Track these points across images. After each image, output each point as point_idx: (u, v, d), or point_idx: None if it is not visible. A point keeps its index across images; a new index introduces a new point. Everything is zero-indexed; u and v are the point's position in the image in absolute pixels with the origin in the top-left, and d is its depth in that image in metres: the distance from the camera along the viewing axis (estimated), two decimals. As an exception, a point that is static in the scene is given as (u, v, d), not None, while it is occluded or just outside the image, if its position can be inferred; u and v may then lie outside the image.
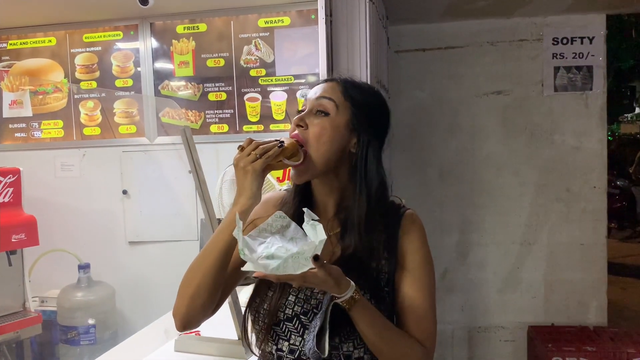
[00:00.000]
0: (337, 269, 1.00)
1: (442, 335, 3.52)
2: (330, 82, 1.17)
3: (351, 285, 1.01)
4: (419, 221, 1.19)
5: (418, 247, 1.15)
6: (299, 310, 1.11)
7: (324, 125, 1.12)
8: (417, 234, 1.16)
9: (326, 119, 1.13)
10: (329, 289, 0.99)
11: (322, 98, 1.14)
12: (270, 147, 1.08)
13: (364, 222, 1.12)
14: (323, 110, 1.13)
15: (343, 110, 1.14)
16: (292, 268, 0.94)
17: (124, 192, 3.21)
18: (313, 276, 0.95)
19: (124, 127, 3.25)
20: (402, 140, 3.46)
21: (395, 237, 1.14)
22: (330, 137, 1.12)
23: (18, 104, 3.35)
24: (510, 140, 3.40)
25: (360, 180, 1.14)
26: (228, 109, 3.10)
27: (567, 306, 3.39)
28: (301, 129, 1.14)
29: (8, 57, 3.36)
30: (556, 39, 3.33)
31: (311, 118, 1.14)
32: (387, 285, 1.12)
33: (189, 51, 3.11)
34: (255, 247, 1.02)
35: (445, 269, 3.50)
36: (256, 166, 1.06)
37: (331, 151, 1.13)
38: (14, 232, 2.64)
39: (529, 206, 3.40)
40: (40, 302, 3.14)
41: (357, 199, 1.13)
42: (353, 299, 1.00)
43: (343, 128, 1.13)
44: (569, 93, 3.33)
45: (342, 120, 1.13)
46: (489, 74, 3.40)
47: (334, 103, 1.13)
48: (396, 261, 1.13)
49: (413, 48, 3.47)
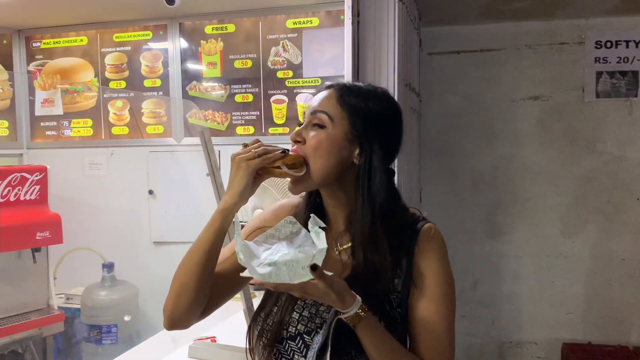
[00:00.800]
0: (340, 282, 0.94)
1: (471, 349, 3.40)
2: (327, 91, 1.10)
3: (357, 301, 0.94)
4: (438, 236, 1.09)
5: (435, 265, 1.06)
6: (303, 329, 1.05)
7: (320, 139, 1.06)
8: (435, 251, 1.07)
9: (322, 132, 1.06)
10: (332, 303, 0.93)
11: (316, 112, 1.07)
12: (272, 150, 1.04)
13: (367, 238, 1.04)
14: (319, 124, 1.07)
15: (340, 121, 1.06)
16: (288, 277, 0.89)
17: (150, 192, 3.21)
18: (313, 287, 0.89)
19: (151, 127, 3.25)
20: (433, 145, 3.36)
21: (410, 255, 1.06)
22: (327, 150, 1.05)
23: (50, 103, 3.40)
24: (548, 147, 3.25)
25: (363, 194, 1.06)
26: (254, 110, 3.06)
27: (606, 324, 3.22)
28: (299, 144, 1.08)
29: (42, 56, 3.41)
30: (599, 42, 3.17)
31: (308, 132, 1.08)
32: (400, 306, 1.04)
33: (217, 52, 3.09)
34: (259, 252, 0.97)
35: (476, 281, 3.37)
36: (250, 164, 1.01)
37: (329, 164, 1.06)
38: (39, 229, 2.66)
39: (566, 217, 3.24)
40: (66, 300, 3.17)
41: (360, 213, 1.06)
42: (358, 315, 0.94)
43: (341, 140, 1.06)
44: (611, 99, 3.17)
45: (339, 132, 1.06)
46: (526, 79, 3.26)
47: (327, 116, 1.06)
48: (411, 281, 1.05)
49: (447, 50, 3.36)
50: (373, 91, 1.11)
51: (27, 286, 2.78)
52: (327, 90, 1.10)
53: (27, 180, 2.69)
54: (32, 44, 3.42)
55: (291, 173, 1.05)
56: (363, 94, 1.09)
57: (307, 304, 1.06)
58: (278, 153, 1.03)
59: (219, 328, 2.13)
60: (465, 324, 3.35)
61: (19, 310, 2.74)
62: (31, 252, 2.72)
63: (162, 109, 3.23)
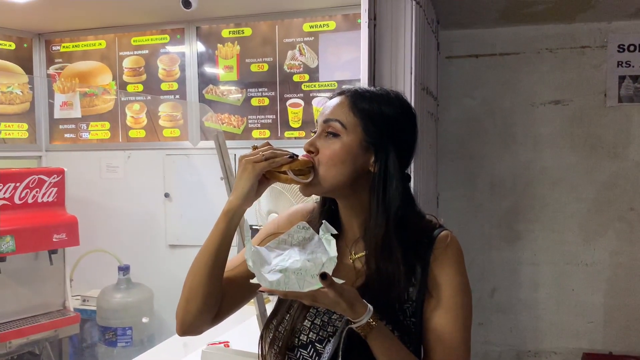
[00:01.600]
0: (351, 290, 0.91)
1: (489, 357, 3.34)
2: (338, 98, 1.07)
3: (368, 310, 0.92)
4: (455, 244, 1.06)
5: (451, 274, 1.03)
6: (314, 338, 1.03)
7: (334, 148, 1.03)
8: (451, 260, 1.04)
9: (336, 141, 1.03)
10: (343, 312, 0.91)
11: (329, 121, 1.04)
12: (281, 154, 1.01)
13: (380, 248, 1.02)
14: (332, 132, 1.04)
15: (353, 128, 1.03)
16: (297, 285, 0.87)
17: (166, 195, 3.22)
18: (323, 295, 0.88)
19: (168, 130, 3.26)
20: (451, 150, 3.31)
21: (425, 263, 1.03)
22: (341, 160, 1.03)
23: (68, 106, 3.43)
24: (568, 153, 3.18)
25: (378, 202, 1.03)
26: (270, 114, 3.06)
27: (628, 334, 3.13)
28: (312, 155, 1.05)
29: (61, 60, 3.45)
30: (622, 46, 3.10)
31: (321, 141, 1.05)
32: (414, 315, 1.02)
33: (233, 55, 3.09)
34: (270, 259, 0.95)
35: (494, 288, 3.31)
36: (256, 166, 0.99)
37: (343, 173, 1.03)
38: (55, 231, 2.68)
39: (587, 224, 3.17)
40: (82, 301, 3.19)
41: (375, 221, 1.03)
42: (370, 325, 0.91)
43: (356, 148, 1.03)
44: (634, 104, 3.09)
45: (353, 140, 1.03)
46: (546, 83, 3.20)
47: (340, 124, 1.03)
48: (426, 290, 1.02)
49: (465, 54, 3.31)
50: (386, 95, 1.08)
51: (43, 288, 2.81)
52: (338, 97, 1.07)
53: (45, 183, 2.72)
54: (52, 47, 3.46)
55: (297, 179, 1.02)
56: (376, 99, 1.06)
57: (319, 312, 1.04)
58: (286, 157, 1.01)
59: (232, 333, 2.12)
60: (483, 332, 3.29)
61: (36, 312, 2.76)
62: (48, 254, 2.75)
63: (179, 112, 3.24)
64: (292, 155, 1.02)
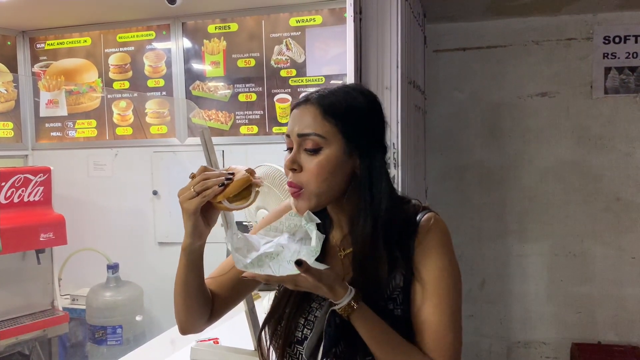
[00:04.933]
0: (330, 274, 0.92)
1: (479, 348, 3.36)
2: (305, 108, 1.01)
3: (349, 292, 0.93)
4: (438, 226, 1.05)
5: (435, 257, 1.02)
6: (309, 333, 1.04)
7: (320, 163, 0.99)
8: (435, 242, 1.03)
9: (319, 155, 0.99)
10: (324, 295, 0.93)
11: (305, 135, 0.99)
12: (212, 183, 0.96)
13: (367, 246, 1.01)
14: (313, 148, 0.99)
15: (333, 137, 0.99)
16: (272, 269, 0.89)
17: (154, 193, 3.20)
18: (304, 280, 0.89)
19: (155, 127, 3.24)
20: (439, 143, 3.32)
21: (409, 250, 1.02)
22: (330, 172, 1.00)
23: (54, 104, 3.40)
24: (556, 145, 3.20)
25: (366, 203, 1.02)
26: (258, 109, 3.04)
27: (616, 324, 3.16)
28: (295, 172, 1.01)
29: (45, 57, 3.41)
30: (607, 37, 3.11)
31: (303, 157, 1.01)
32: (404, 302, 1.02)
33: (220, 51, 3.07)
34: (259, 245, 0.97)
35: (484, 279, 3.33)
36: (189, 205, 0.97)
37: (334, 185, 1.01)
38: (43, 231, 2.66)
39: (574, 215, 3.19)
40: (71, 301, 3.18)
41: (362, 221, 1.02)
42: (350, 306, 0.93)
43: (341, 156, 1.00)
44: (620, 95, 3.11)
45: (336, 149, 1.00)
46: (533, 75, 3.21)
47: (319, 137, 0.99)
48: (412, 275, 1.02)
49: (452, 47, 3.31)
50: (347, 90, 1.05)
51: (31, 287, 2.79)
52: (305, 107, 1.01)
53: (31, 182, 2.69)
54: (36, 45, 3.43)
55: (233, 207, 0.97)
56: (342, 99, 1.02)
57: (313, 308, 1.05)
58: (216, 187, 0.95)
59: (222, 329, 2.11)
60: (473, 324, 3.31)
61: (24, 312, 2.74)
62: (35, 254, 2.73)
63: (166, 109, 3.22)
64: (223, 183, 0.96)
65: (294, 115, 1.03)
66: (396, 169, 2.00)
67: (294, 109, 1.04)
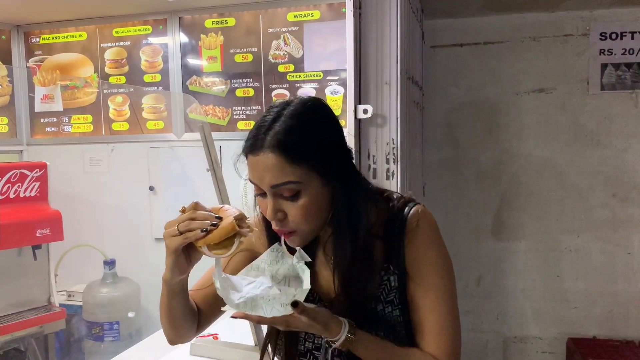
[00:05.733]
0: (324, 312, 0.92)
1: (476, 343, 3.37)
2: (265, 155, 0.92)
3: (343, 327, 0.93)
4: (425, 218, 1.03)
5: (426, 250, 1.02)
6: (311, 346, 1.06)
7: (304, 207, 0.95)
8: (424, 235, 1.02)
9: (301, 199, 0.94)
10: (318, 333, 0.93)
11: (279, 186, 0.93)
12: (198, 225, 0.91)
13: (349, 264, 0.99)
14: (291, 195, 0.94)
15: (308, 178, 0.94)
16: (263, 310, 0.88)
17: (151, 189, 3.19)
18: (296, 320, 0.89)
19: (151, 122, 3.23)
20: (436, 139, 3.32)
21: (400, 248, 1.02)
22: (317, 209, 0.97)
23: (49, 99, 3.37)
24: (552, 141, 3.21)
25: (345, 224, 0.99)
26: (255, 105, 3.03)
27: (611, 319, 3.19)
28: (282, 222, 0.96)
29: (41, 52, 3.38)
30: (604, 34, 3.12)
31: (283, 204, 0.95)
32: (401, 302, 1.02)
33: (217, 46, 3.06)
34: (241, 287, 0.95)
35: (480, 275, 3.34)
36: (170, 243, 0.93)
37: (322, 218, 0.99)
38: (39, 226, 2.64)
39: (570, 211, 3.21)
40: (67, 297, 3.16)
41: (341, 244, 0.99)
42: (349, 340, 0.93)
43: (321, 191, 0.96)
44: (617, 92, 3.12)
45: (315, 187, 0.95)
46: (530, 71, 3.22)
47: (294, 184, 0.93)
48: (405, 273, 1.02)
49: (450, 43, 3.32)
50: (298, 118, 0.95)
51: (27, 284, 2.77)
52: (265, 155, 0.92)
53: (27, 177, 2.67)
54: (31, 39, 3.39)
55: (211, 255, 0.92)
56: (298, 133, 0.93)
57: None
58: (199, 232, 0.90)
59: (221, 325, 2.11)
60: (470, 319, 3.32)
61: (20, 308, 2.73)
62: (32, 250, 2.71)
63: (162, 104, 3.20)
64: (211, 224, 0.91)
65: (254, 164, 0.94)
66: (395, 165, 2.00)
67: (249, 154, 0.95)
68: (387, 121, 2.03)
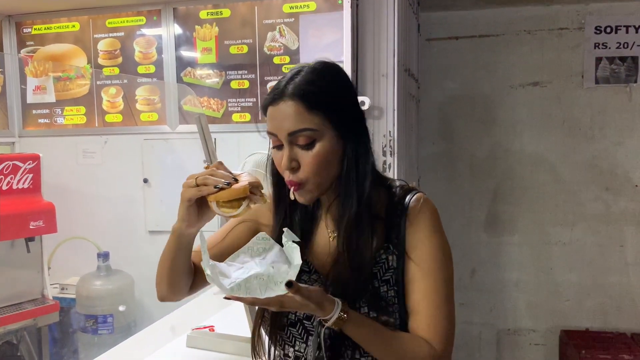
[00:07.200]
0: (317, 291, 0.92)
1: (469, 336, 3.39)
2: (285, 104, 0.97)
3: (336, 306, 0.93)
4: (427, 206, 1.06)
5: (427, 237, 1.03)
6: (302, 315, 1.06)
7: (317, 156, 0.98)
8: (425, 222, 1.04)
9: (315, 149, 0.98)
10: (312, 312, 0.93)
11: (296, 133, 0.97)
12: (213, 181, 0.95)
13: (351, 225, 1.01)
14: (306, 143, 0.98)
15: (324, 129, 0.98)
16: (259, 290, 0.87)
17: (145, 181, 3.17)
18: (291, 301, 0.89)
19: (145, 114, 3.20)
20: (431, 133, 3.32)
21: (401, 230, 1.04)
22: (328, 162, 1.00)
23: (42, 90, 3.34)
24: (547, 134, 3.22)
25: (351, 182, 1.02)
26: (250, 97, 3.02)
27: (604, 311, 3.21)
28: (294, 172, 0.99)
29: (32, 42, 3.34)
30: (599, 27, 3.13)
31: (298, 153, 0.99)
32: (397, 283, 1.03)
33: (212, 37, 3.03)
34: (230, 273, 0.94)
35: (474, 268, 3.36)
36: (185, 193, 0.98)
37: (332, 173, 1.02)
38: (32, 218, 2.62)
39: (564, 205, 3.22)
40: (61, 290, 3.14)
41: (347, 201, 1.02)
42: (341, 319, 0.93)
43: (334, 145, 1.00)
44: (611, 85, 3.14)
45: (329, 139, 0.99)
46: (525, 65, 3.22)
47: (311, 131, 0.97)
48: (404, 255, 1.03)
49: (445, 36, 3.31)
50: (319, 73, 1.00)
51: (21, 276, 2.74)
52: (284, 103, 0.97)
53: (20, 169, 2.64)
54: (23, 29, 3.35)
55: (218, 212, 0.95)
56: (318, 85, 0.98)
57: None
58: (212, 187, 0.95)
59: (217, 317, 2.11)
60: (463, 312, 3.34)
61: (13, 301, 2.70)
62: (25, 242, 2.68)
63: (156, 95, 3.18)
64: (226, 183, 0.95)
65: (273, 113, 0.98)
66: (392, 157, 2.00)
67: (269, 106, 1.00)
68: (384, 113, 2.02)
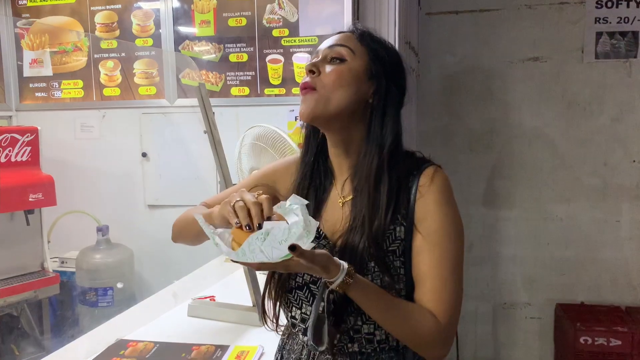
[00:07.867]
0: (322, 254, 0.90)
1: (465, 310, 3.38)
2: (345, 33, 1.09)
3: (342, 268, 0.91)
4: (440, 178, 1.04)
5: (436, 208, 1.02)
6: (309, 279, 1.06)
7: (340, 71, 1.03)
8: (436, 194, 1.02)
9: (342, 65, 1.04)
10: (318, 274, 0.92)
11: (335, 46, 1.05)
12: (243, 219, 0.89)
13: (373, 176, 1.02)
14: (338, 57, 1.04)
15: (360, 55, 1.05)
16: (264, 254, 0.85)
17: (144, 155, 3.16)
18: (296, 264, 0.87)
19: (143, 88, 3.18)
20: (430, 108, 3.32)
21: (412, 199, 1.02)
22: (347, 82, 1.02)
23: (38, 63, 3.31)
24: (546, 109, 3.22)
25: (374, 133, 1.04)
26: (249, 70, 3.00)
27: (599, 285, 3.25)
28: (313, 75, 1.04)
29: (28, 15, 3.30)
30: (600, 2, 3.10)
31: (325, 65, 1.04)
32: (404, 254, 1.02)
33: (210, 9, 3.00)
34: None
35: (472, 243, 3.38)
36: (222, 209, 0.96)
37: (347, 96, 1.03)
38: (32, 191, 2.62)
39: (562, 180, 3.23)
40: (60, 263, 3.15)
41: (368, 152, 1.04)
42: (346, 282, 0.92)
43: (362, 73, 1.04)
44: (611, 60, 3.12)
45: (359, 65, 1.04)
46: (525, 39, 3.20)
47: (349, 49, 1.04)
48: (413, 226, 1.02)
49: (445, 10, 3.28)
50: (388, 43, 1.11)
51: (20, 249, 2.75)
52: (344, 32, 1.09)
53: (18, 141, 2.64)
54: (18, 1, 3.31)
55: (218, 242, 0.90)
56: (380, 41, 1.09)
57: None
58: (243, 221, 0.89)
59: (218, 287, 2.12)
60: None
61: (13, 273, 2.72)
62: (24, 214, 2.69)
63: (155, 69, 3.15)
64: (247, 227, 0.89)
65: (330, 37, 1.09)
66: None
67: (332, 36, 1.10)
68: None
